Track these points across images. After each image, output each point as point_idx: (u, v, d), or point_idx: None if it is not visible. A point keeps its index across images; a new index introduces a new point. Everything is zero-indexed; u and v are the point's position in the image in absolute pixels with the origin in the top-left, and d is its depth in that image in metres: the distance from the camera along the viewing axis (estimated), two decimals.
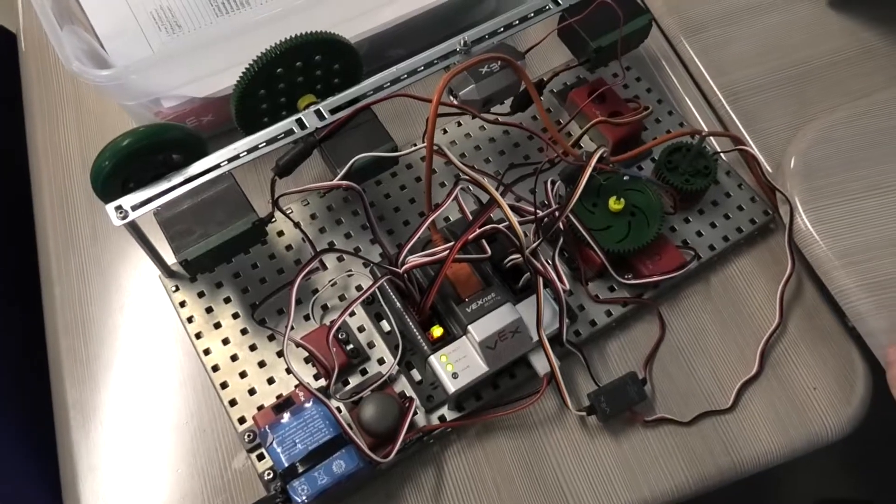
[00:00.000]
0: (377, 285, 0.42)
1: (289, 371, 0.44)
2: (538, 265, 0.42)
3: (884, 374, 0.44)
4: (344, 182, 0.41)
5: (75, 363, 0.46)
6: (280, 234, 0.48)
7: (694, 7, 0.59)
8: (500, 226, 0.42)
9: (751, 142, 0.53)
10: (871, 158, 0.48)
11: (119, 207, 0.40)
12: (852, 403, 0.45)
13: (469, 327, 0.41)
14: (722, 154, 0.51)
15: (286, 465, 0.39)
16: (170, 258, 0.45)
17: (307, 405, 0.41)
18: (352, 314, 0.46)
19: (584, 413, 0.43)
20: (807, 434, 0.44)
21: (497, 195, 0.40)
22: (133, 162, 0.40)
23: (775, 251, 0.49)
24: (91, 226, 0.50)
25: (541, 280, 0.42)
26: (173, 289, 0.47)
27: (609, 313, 0.46)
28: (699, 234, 0.49)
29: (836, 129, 0.50)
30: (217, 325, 0.45)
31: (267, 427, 0.40)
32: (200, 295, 0.46)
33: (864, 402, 0.45)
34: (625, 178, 0.46)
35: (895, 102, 0.51)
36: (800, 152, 0.49)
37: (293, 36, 0.42)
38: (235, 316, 0.46)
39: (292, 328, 0.43)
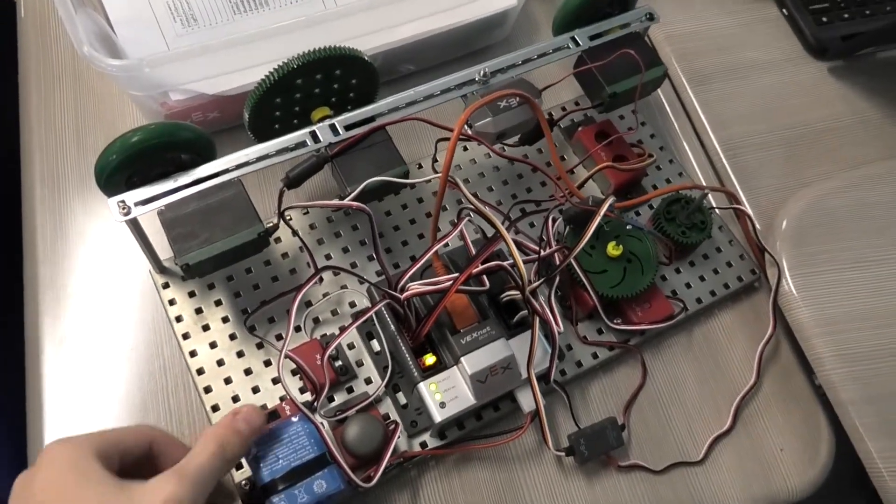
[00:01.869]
0: (376, 309, 0.42)
1: (275, 382, 0.44)
2: (537, 306, 0.42)
3: (847, 441, 0.45)
4: (354, 203, 0.41)
5: (55, 349, 0.45)
6: (277, 240, 0.48)
7: (702, 58, 0.60)
8: (505, 263, 0.42)
9: (744, 198, 0.54)
10: (860, 230, 0.50)
11: (122, 202, 0.40)
12: (815, 467, 0.47)
13: (462, 359, 0.42)
14: (716, 209, 0.53)
15: (267, 480, 0.39)
16: (163, 254, 0.45)
17: (294, 420, 0.41)
18: (341, 328, 0.46)
19: (562, 453, 0.44)
20: (770, 493, 0.46)
21: (507, 236, 0.40)
22: (141, 159, 0.40)
23: (758, 310, 0.51)
24: (83, 209, 0.49)
25: (537, 319, 0.43)
26: (163, 285, 0.46)
27: (595, 356, 0.47)
28: (688, 285, 0.50)
29: (829, 197, 0.51)
30: (206, 328, 0.45)
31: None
32: (191, 295, 0.46)
33: (827, 467, 0.47)
34: (627, 226, 0.47)
35: (888, 177, 0.52)
36: (792, 216, 0.51)
37: (318, 49, 0.42)
38: (225, 320, 0.45)
39: (280, 339, 0.43)
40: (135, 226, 0.41)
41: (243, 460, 0.41)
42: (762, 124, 0.58)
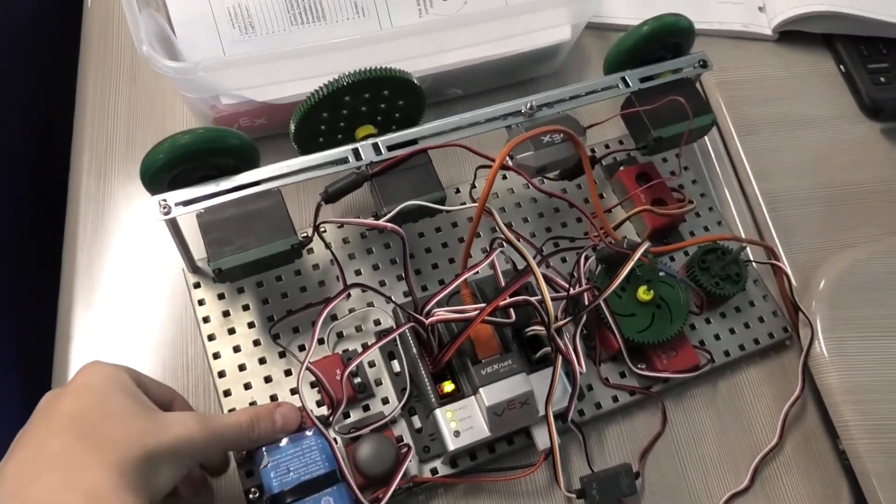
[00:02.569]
0: (400, 332, 0.43)
1: (294, 392, 0.44)
2: (561, 344, 0.42)
3: None
4: (388, 225, 0.41)
5: (85, 333, 0.46)
6: (310, 251, 0.48)
7: (752, 107, 0.60)
8: (532, 299, 0.42)
9: (783, 253, 0.53)
10: None
11: (163, 202, 0.40)
12: None
13: (481, 390, 0.42)
14: (753, 262, 0.52)
15: (276, 491, 0.39)
16: (198, 254, 0.45)
17: (308, 433, 0.41)
18: (363, 345, 0.46)
19: (573, 495, 0.43)
20: None
21: (537, 271, 0.40)
22: (187, 161, 0.40)
23: (787, 369, 0.50)
24: (126, 203, 0.50)
25: (560, 358, 0.42)
26: (194, 285, 0.46)
27: (615, 399, 0.47)
28: (717, 337, 0.49)
29: (870, 261, 0.50)
30: (231, 331, 0.45)
31: (264, 448, 0.40)
32: (220, 297, 0.46)
33: None
34: (660, 273, 0.46)
35: None
36: (831, 277, 0.50)
37: (369, 69, 0.43)
38: (251, 325, 0.46)
39: (302, 349, 0.43)
40: (173, 225, 0.42)
41: (253, 467, 0.41)
42: (807, 179, 0.57)
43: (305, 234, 0.43)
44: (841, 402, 0.46)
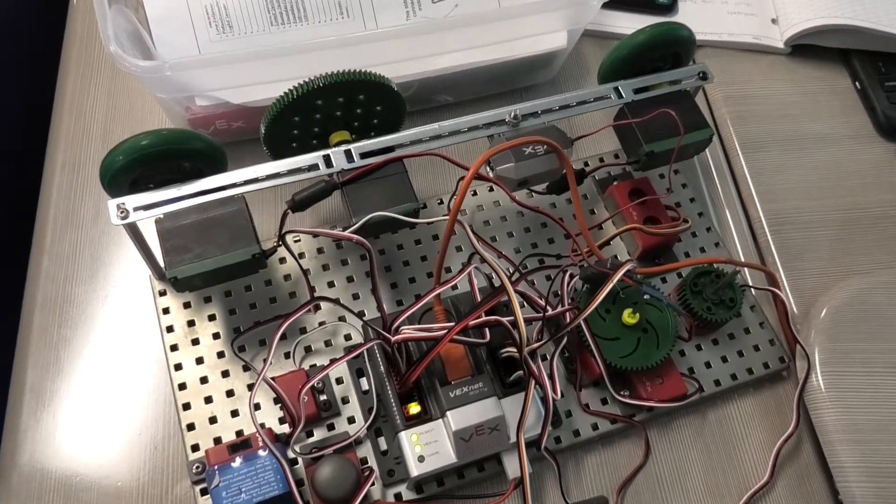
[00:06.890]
0: (365, 348, 0.40)
1: (257, 407, 0.42)
2: (534, 368, 0.40)
3: None
4: (355, 237, 0.39)
5: (43, 345, 0.44)
6: (282, 261, 0.46)
7: (759, 124, 0.57)
8: (505, 320, 0.40)
9: (785, 277, 0.51)
10: None
11: (121, 206, 0.39)
12: None
13: (448, 413, 0.39)
14: (752, 287, 0.49)
15: None
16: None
17: (261, 453, 0.39)
18: (332, 361, 0.44)
19: None
20: None
21: (510, 289, 0.38)
22: (147, 163, 0.39)
23: (781, 403, 0.47)
24: (95, 204, 0.49)
25: (532, 382, 0.40)
26: (160, 292, 0.45)
27: (595, 427, 0.44)
28: (708, 365, 0.47)
29: (875, 292, 0.47)
30: (195, 342, 0.44)
31: (216, 467, 0.38)
32: (186, 306, 0.44)
33: None
34: (645, 296, 0.44)
35: None
36: (832, 306, 0.47)
37: (342, 71, 0.41)
38: (216, 336, 0.44)
39: (271, 363, 0.41)
40: (133, 230, 0.40)
41: (208, 486, 0.39)
42: (816, 201, 0.54)
43: (275, 245, 0.41)
44: (837, 441, 0.43)
